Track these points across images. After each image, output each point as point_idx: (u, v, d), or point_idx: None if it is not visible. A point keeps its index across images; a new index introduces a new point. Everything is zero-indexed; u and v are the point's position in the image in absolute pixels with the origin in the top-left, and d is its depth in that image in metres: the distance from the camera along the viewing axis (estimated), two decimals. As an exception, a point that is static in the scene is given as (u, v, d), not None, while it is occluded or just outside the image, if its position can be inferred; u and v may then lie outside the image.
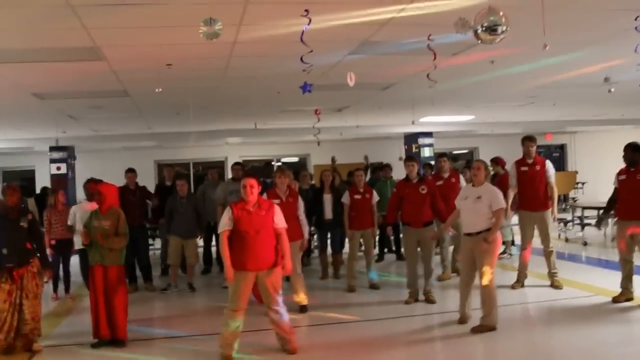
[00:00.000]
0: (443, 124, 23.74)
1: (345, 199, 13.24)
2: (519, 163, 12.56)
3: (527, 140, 12.50)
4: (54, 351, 9.66)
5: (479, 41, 7.21)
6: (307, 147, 29.04)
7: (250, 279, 8.73)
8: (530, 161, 12.45)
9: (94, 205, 10.53)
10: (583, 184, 29.45)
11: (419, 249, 11.90)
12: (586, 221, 19.37)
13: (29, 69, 10.74)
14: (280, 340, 9.06)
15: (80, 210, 11.66)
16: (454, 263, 14.08)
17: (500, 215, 9.88)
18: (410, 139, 25.83)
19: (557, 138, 31.31)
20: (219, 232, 8.88)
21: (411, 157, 12.35)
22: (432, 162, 21.34)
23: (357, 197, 13.17)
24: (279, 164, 27.74)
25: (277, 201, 10.39)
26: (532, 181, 12.36)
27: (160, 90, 10.99)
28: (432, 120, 22.46)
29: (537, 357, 8.69)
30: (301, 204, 11.56)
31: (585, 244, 18.47)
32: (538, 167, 12.40)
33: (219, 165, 28.45)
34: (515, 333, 9.68)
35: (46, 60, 10.07)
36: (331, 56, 10.37)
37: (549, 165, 12.55)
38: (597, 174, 29.54)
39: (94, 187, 10.67)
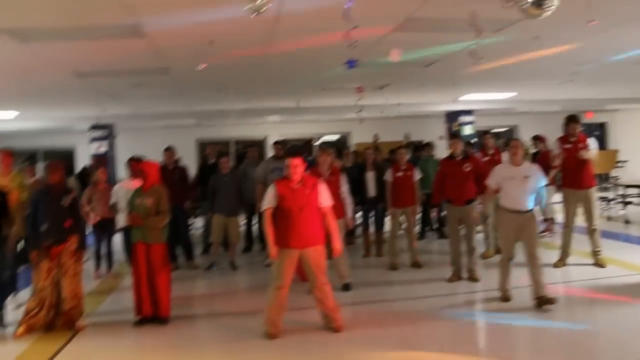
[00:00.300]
0: (484, 101, 23.45)
1: (388, 176, 13.15)
2: (563, 140, 12.36)
3: (572, 121, 12.31)
4: (97, 329, 9.66)
5: (527, 15, 7.06)
6: (348, 125, 28.91)
7: (294, 257, 8.68)
8: (573, 139, 12.25)
9: (136, 183, 10.50)
10: (624, 162, 29.05)
11: (461, 226, 11.84)
12: (628, 199, 19.20)
13: (69, 48, 10.68)
14: (324, 319, 9.01)
15: (123, 189, 11.58)
16: (495, 241, 13.90)
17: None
18: (452, 117, 25.60)
19: (597, 116, 30.90)
20: (262, 209, 8.81)
21: (455, 135, 12.23)
22: (472, 141, 21.20)
23: (400, 174, 13.07)
24: (320, 142, 27.59)
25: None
26: (576, 159, 12.15)
27: (204, 66, 10.90)
28: (473, 98, 22.20)
29: (579, 336, 8.52)
30: (344, 182, 11.45)
31: (627, 222, 18.27)
32: (581, 145, 12.20)
33: (259, 144, 28.37)
34: (557, 312, 9.55)
35: (86, 38, 10.00)
36: (375, 32, 10.20)
37: (591, 142, 12.36)
38: (638, 152, 29.33)
39: (136, 165, 10.61)
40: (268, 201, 8.68)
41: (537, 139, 16.38)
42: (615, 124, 32.29)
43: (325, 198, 8.85)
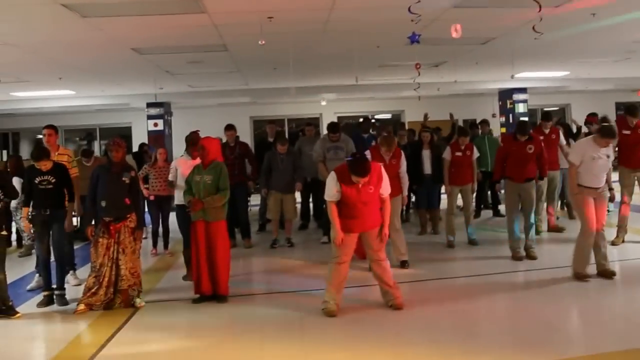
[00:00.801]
0: (537, 79, 23.23)
1: (447, 154, 13.08)
2: (620, 124, 12.15)
3: (630, 114, 12.13)
4: (156, 307, 9.66)
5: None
6: (402, 103, 28.85)
7: (354, 236, 8.67)
8: (632, 125, 12.13)
9: (196, 161, 10.47)
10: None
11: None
12: None
13: (128, 23, 10.73)
14: (385, 296, 8.93)
15: (183, 165, 11.47)
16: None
17: None
18: (505, 94, 25.38)
19: (649, 95, 30.60)
20: (327, 199, 8.70)
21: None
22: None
23: (458, 154, 12.99)
24: (373, 120, 27.50)
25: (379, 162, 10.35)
26: (634, 142, 12.10)
27: (263, 43, 10.85)
28: (526, 76, 21.99)
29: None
30: (404, 162, 11.33)
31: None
32: None
33: (314, 122, 28.36)
34: (616, 289, 9.61)
35: (146, 13, 10.05)
36: (434, 8, 10.09)
37: None
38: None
39: (196, 140, 10.54)
40: (332, 194, 8.55)
41: (589, 120, 16.17)
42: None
43: (386, 189, 8.77)
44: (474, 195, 13.85)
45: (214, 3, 9.56)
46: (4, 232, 9.37)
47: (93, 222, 9.63)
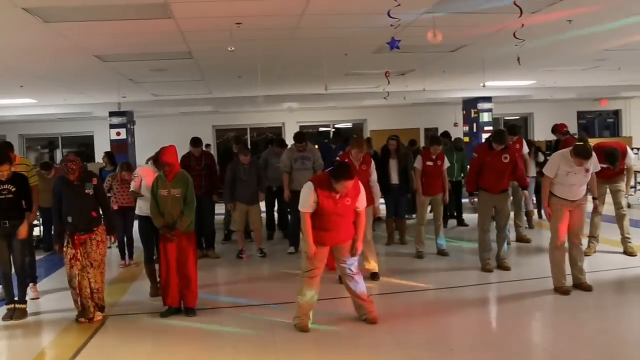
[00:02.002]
0: (502, 88, 23.21)
1: (418, 164, 12.97)
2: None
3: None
4: (123, 320, 9.47)
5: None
6: (365, 112, 28.90)
7: (326, 249, 8.51)
8: None
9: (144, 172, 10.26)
10: (639, 149, 28.88)
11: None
12: None
13: (92, 29, 10.46)
14: (358, 310, 8.76)
15: (148, 177, 11.16)
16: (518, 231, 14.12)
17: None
18: (470, 104, 25.42)
19: (611, 104, 30.81)
20: (301, 210, 8.41)
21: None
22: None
23: (430, 163, 12.89)
24: (333, 130, 27.45)
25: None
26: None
27: (233, 49, 10.65)
28: (492, 85, 21.94)
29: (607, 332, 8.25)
30: (374, 171, 11.21)
31: (629, 206, 17.95)
32: None
33: (277, 132, 28.23)
34: (592, 301, 9.47)
35: (112, 18, 9.79)
36: (407, 15, 9.91)
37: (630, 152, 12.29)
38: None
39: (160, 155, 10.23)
40: (308, 205, 8.30)
41: (556, 129, 16.06)
42: (629, 111, 32.06)
43: (362, 202, 8.58)
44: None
45: (182, 8, 9.33)
46: None
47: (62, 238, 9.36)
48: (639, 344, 7.75)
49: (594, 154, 9.64)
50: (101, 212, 9.47)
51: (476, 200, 11.58)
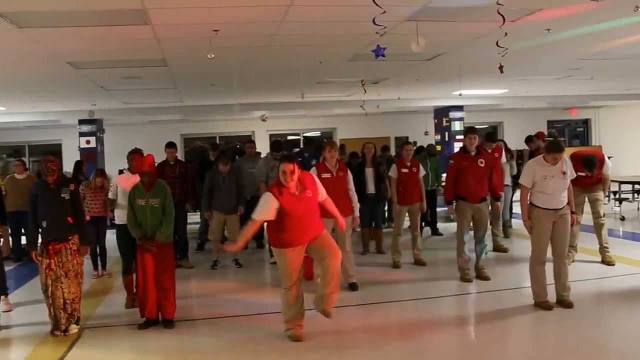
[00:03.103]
0: (474, 97, 23.19)
1: (393, 172, 12.92)
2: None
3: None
4: (98, 333, 9.23)
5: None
6: (334, 121, 28.92)
7: (298, 252, 8.26)
8: None
9: (135, 178, 10.05)
10: (608, 158, 29.01)
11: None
12: (623, 196, 19.33)
13: (66, 35, 10.22)
14: (319, 298, 8.39)
15: (124, 183, 10.94)
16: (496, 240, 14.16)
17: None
18: (441, 112, 25.40)
19: (581, 113, 31.01)
20: (254, 217, 8.18)
21: (472, 129, 11.79)
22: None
23: (405, 171, 12.86)
24: (303, 138, 27.38)
25: (327, 175, 10.28)
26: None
27: (212, 56, 10.51)
28: (466, 93, 21.94)
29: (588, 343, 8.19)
30: (351, 178, 11.09)
31: (622, 219, 18.28)
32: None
33: (246, 140, 28.09)
34: (574, 312, 9.30)
35: (87, 24, 9.58)
36: (387, 22, 9.79)
37: (607, 160, 12.48)
38: (620, 148, 29.29)
39: (139, 164, 10.01)
40: (264, 213, 8.07)
41: (537, 136, 15.99)
42: (598, 120, 32.27)
43: (322, 192, 8.46)
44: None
45: (159, 15, 9.15)
46: None
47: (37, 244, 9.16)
48: (621, 353, 7.72)
49: (564, 149, 9.58)
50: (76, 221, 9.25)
51: (454, 209, 11.45)
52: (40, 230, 9.02)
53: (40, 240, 9.05)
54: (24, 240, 14.99)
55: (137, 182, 9.47)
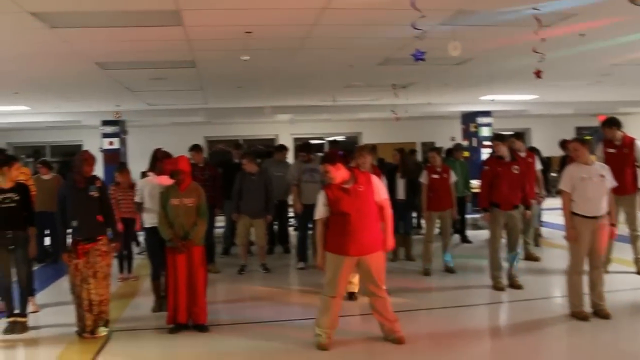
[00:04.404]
0: (501, 102, 22.99)
1: (424, 178, 12.76)
2: (606, 144, 11.83)
3: (614, 125, 11.79)
4: (127, 336, 9.16)
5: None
6: (359, 125, 28.71)
7: (351, 264, 8.12)
8: (618, 143, 11.73)
9: (163, 180, 9.91)
10: (637, 166, 28.73)
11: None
12: None
13: (97, 35, 10.15)
14: (384, 330, 8.43)
15: (149, 185, 10.72)
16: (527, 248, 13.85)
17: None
18: (469, 118, 25.17)
19: (609, 120, 30.67)
20: (315, 218, 8.29)
21: (500, 136, 11.63)
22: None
23: (435, 176, 12.71)
24: (330, 141, 27.17)
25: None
26: (619, 164, 11.48)
27: (247, 58, 10.40)
28: (491, 99, 21.80)
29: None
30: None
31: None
32: (626, 150, 11.81)
33: (269, 143, 27.93)
34: (611, 323, 9.08)
35: (120, 25, 9.51)
36: (420, 26, 9.65)
37: (638, 145, 11.88)
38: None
39: (170, 164, 9.91)
40: (320, 211, 8.15)
41: (566, 143, 15.85)
42: (626, 127, 31.79)
43: (382, 191, 8.33)
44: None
45: (192, 16, 9.07)
46: None
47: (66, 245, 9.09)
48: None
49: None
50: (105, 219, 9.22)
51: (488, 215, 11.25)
52: (71, 230, 8.95)
53: (71, 240, 8.96)
54: (47, 241, 14.94)
55: (171, 183, 9.39)
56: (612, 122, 11.77)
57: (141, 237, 12.68)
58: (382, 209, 8.27)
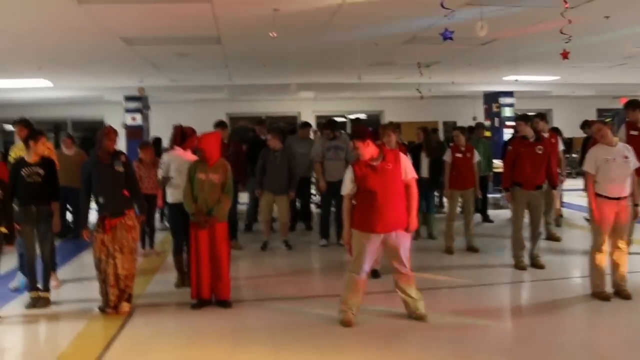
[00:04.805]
0: (523, 83, 22.95)
1: (447, 156, 12.79)
2: (629, 126, 11.68)
3: (635, 107, 11.66)
4: (150, 311, 9.21)
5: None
6: (381, 103, 28.65)
7: (377, 242, 8.12)
8: None
9: (189, 155, 9.96)
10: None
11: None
12: None
13: (124, 11, 10.21)
14: (407, 307, 8.47)
15: (177, 160, 10.62)
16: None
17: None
18: (491, 98, 25.19)
19: (631, 102, 30.58)
20: (342, 193, 8.31)
21: (524, 116, 11.60)
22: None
23: (459, 155, 12.72)
24: (352, 118, 27.14)
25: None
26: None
27: (275, 35, 10.37)
28: (513, 79, 21.75)
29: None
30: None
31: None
32: None
33: (291, 121, 27.89)
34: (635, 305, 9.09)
35: (147, 1, 9.57)
36: (448, 5, 9.62)
37: None
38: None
39: (192, 141, 9.95)
40: (347, 187, 8.19)
41: (588, 124, 15.80)
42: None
43: (409, 169, 8.31)
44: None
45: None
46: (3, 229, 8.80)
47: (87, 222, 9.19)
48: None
49: None
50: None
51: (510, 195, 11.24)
52: (97, 205, 8.99)
53: (97, 216, 9.01)
54: (68, 216, 15.04)
55: (196, 158, 9.47)
56: (636, 104, 11.66)
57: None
58: (409, 188, 8.26)
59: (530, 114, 12.73)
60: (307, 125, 16.12)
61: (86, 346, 7.78)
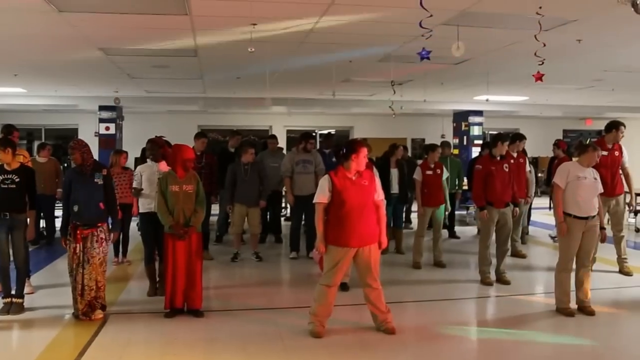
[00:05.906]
0: (492, 103, 23.13)
1: (417, 174, 12.98)
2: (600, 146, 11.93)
3: (620, 125, 12.04)
4: (123, 319, 9.28)
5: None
6: (351, 119, 28.87)
7: (350, 255, 8.28)
8: (610, 146, 11.99)
9: (162, 166, 10.11)
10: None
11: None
12: (638, 208, 19.03)
13: (104, 20, 10.22)
14: (376, 320, 8.61)
15: (148, 170, 10.77)
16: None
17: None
18: (460, 116, 25.47)
19: (596, 123, 30.83)
20: (315, 201, 8.34)
21: (503, 136, 11.81)
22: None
23: (429, 172, 12.95)
24: (323, 133, 27.30)
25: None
26: (609, 166, 11.94)
27: (252, 50, 10.47)
28: (482, 99, 21.96)
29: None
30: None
31: (637, 230, 18.28)
32: (617, 153, 12.10)
33: (263, 135, 28.00)
34: (597, 320, 9.38)
35: (128, 11, 9.57)
36: (424, 25, 9.78)
37: (624, 150, 12.31)
38: (634, 160, 29.22)
39: (183, 153, 10.09)
40: (323, 195, 8.24)
41: (557, 145, 16.01)
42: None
43: (380, 191, 8.53)
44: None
45: (200, 6, 9.18)
46: None
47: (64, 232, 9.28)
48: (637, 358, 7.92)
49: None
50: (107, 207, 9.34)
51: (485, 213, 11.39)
52: (71, 213, 9.07)
53: (70, 224, 9.09)
54: (42, 224, 15.10)
55: (169, 170, 9.53)
56: (615, 125, 12.01)
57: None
58: (378, 209, 8.45)
59: (493, 133, 12.98)
60: (272, 137, 16.32)
61: (59, 354, 7.84)
